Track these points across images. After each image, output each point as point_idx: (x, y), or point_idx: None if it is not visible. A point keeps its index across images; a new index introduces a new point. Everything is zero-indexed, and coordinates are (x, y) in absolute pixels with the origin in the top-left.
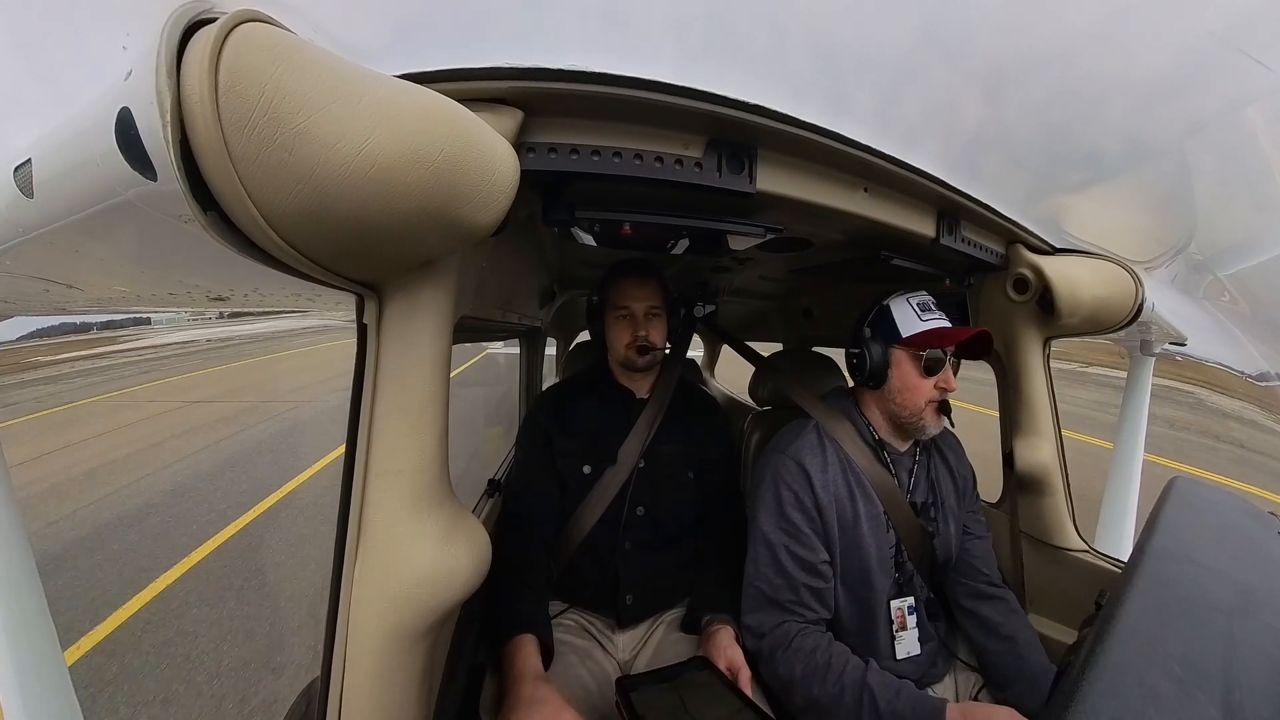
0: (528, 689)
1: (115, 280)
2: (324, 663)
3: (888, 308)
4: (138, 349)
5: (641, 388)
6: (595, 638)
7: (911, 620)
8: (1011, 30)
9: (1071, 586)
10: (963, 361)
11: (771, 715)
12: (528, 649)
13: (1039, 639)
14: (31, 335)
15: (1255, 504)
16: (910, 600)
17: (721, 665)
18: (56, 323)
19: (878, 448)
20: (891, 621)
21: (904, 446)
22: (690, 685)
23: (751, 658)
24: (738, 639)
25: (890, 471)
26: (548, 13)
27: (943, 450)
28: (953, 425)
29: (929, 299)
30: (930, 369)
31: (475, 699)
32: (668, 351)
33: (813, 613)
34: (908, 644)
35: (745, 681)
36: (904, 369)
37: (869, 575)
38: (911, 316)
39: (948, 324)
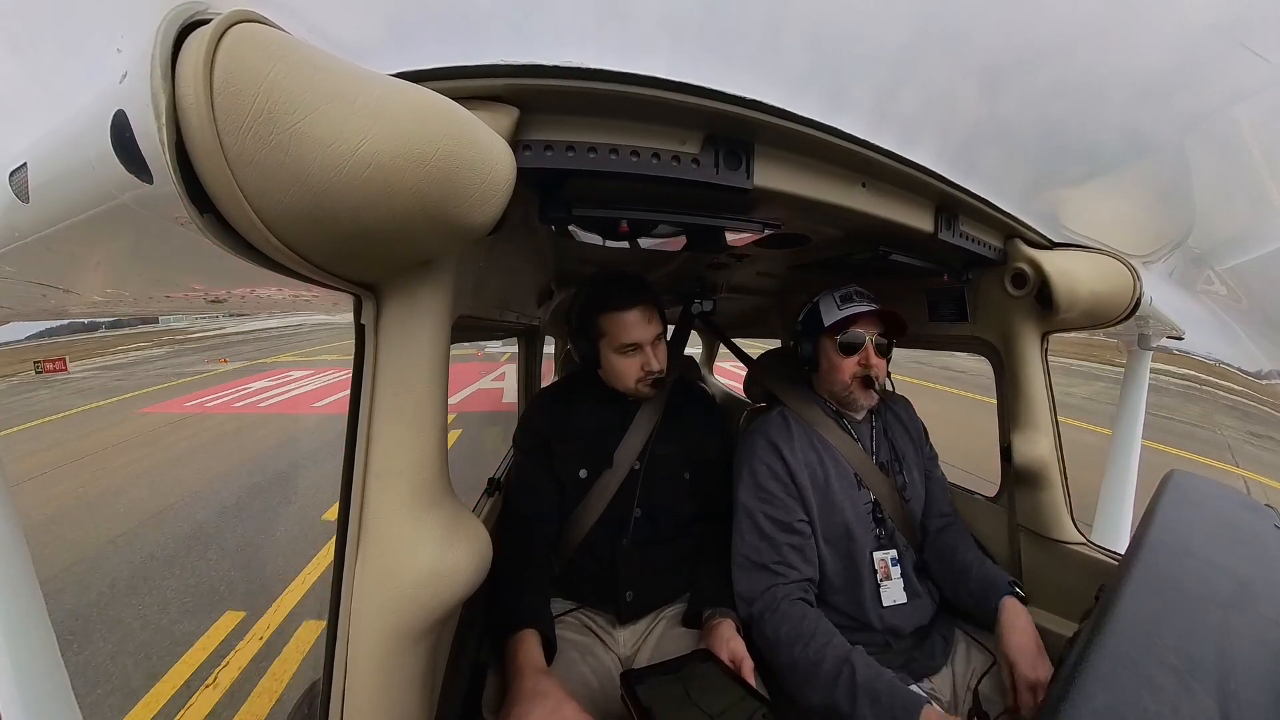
0: (530, 683)
1: (112, 284)
2: (326, 663)
3: (816, 304)
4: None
5: None
6: (596, 634)
7: (895, 571)
8: (1009, 24)
9: (1069, 579)
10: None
11: (772, 702)
12: (529, 644)
13: (992, 564)
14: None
15: (1253, 498)
16: (893, 553)
17: (724, 656)
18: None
19: (838, 418)
20: (876, 572)
21: (860, 415)
22: (694, 677)
23: (746, 627)
24: (738, 630)
25: (853, 438)
26: (543, 9)
27: (894, 410)
28: (881, 392)
29: (853, 290)
30: (847, 349)
31: (478, 697)
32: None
33: (797, 571)
34: (893, 592)
35: (748, 672)
36: (829, 353)
37: (849, 529)
38: (833, 308)
39: (867, 310)
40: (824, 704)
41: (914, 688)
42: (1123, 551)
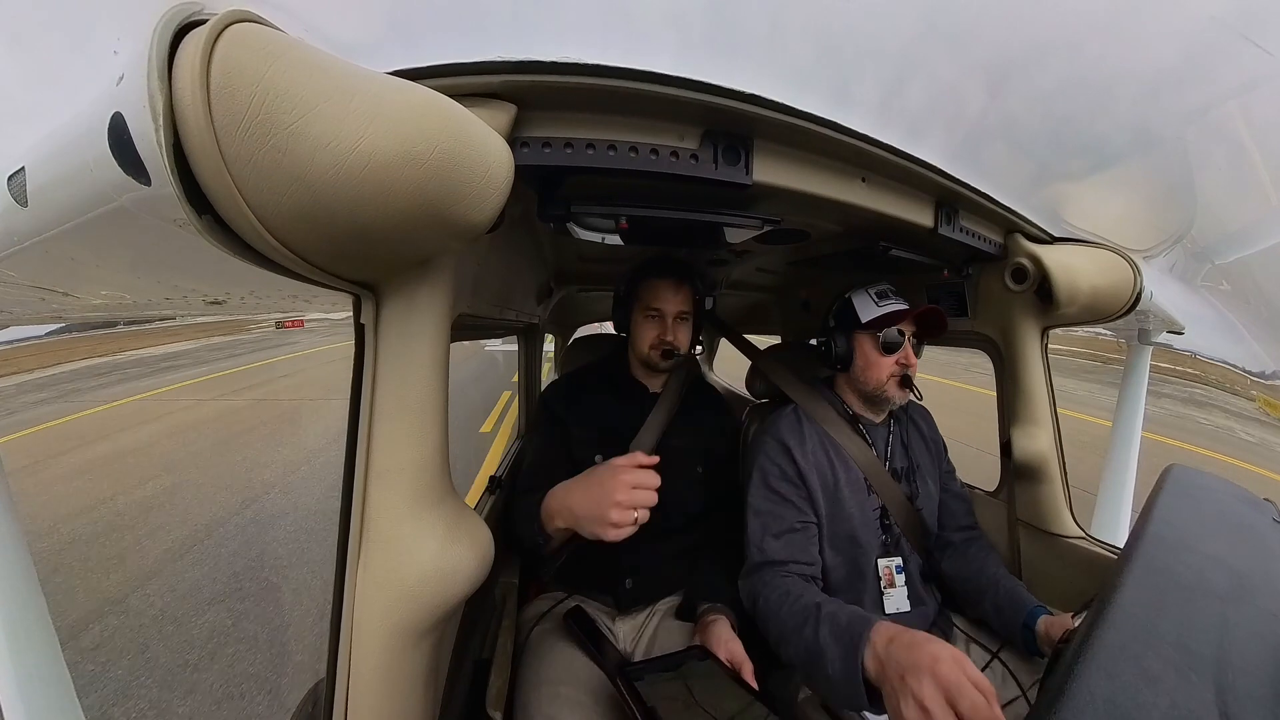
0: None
1: (111, 286)
2: (329, 662)
3: (849, 300)
4: None
5: (655, 383)
6: (596, 627)
7: (900, 579)
8: (1013, 19)
9: (1068, 573)
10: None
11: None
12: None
13: (1020, 583)
14: None
15: (1252, 492)
16: (898, 560)
17: (722, 657)
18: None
19: (853, 422)
20: (880, 579)
21: (878, 419)
22: (694, 675)
23: (747, 619)
24: (733, 627)
25: (867, 442)
26: (541, 4)
27: (915, 419)
28: (920, 398)
29: (887, 288)
30: (888, 347)
31: (481, 695)
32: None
33: (801, 565)
34: (896, 600)
35: (748, 674)
36: (865, 350)
37: (854, 535)
38: (870, 304)
39: (904, 307)
40: (802, 650)
41: None
42: (1122, 546)
